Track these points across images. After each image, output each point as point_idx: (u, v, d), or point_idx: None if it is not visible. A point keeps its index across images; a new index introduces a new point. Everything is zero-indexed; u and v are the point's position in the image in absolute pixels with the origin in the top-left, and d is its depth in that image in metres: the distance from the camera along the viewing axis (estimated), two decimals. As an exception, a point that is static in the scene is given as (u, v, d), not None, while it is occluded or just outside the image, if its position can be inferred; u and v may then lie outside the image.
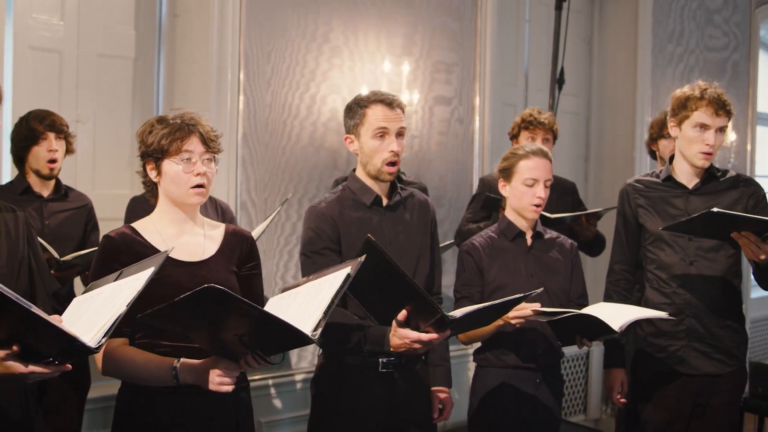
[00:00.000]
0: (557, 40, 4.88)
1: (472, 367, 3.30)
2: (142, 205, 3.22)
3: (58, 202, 3.60)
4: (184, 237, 2.38)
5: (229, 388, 2.11)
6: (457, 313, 2.43)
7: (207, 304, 1.89)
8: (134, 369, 2.24)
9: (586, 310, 2.82)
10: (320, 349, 2.87)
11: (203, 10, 4.13)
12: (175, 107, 4.12)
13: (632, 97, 6.08)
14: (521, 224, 3.12)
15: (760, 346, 7.61)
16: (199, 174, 2.30)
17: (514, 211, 3.11)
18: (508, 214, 3.14)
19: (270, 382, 4.28)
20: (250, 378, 2.57)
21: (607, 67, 6.22)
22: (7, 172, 3.73)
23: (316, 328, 1.99)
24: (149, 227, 2.37)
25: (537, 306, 2.82)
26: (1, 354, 1.84)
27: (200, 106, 4.03)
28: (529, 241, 3.12)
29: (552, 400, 3.09)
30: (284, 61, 4.28)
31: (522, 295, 2.61)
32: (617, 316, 2.77)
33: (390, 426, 2.77)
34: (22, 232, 2.24)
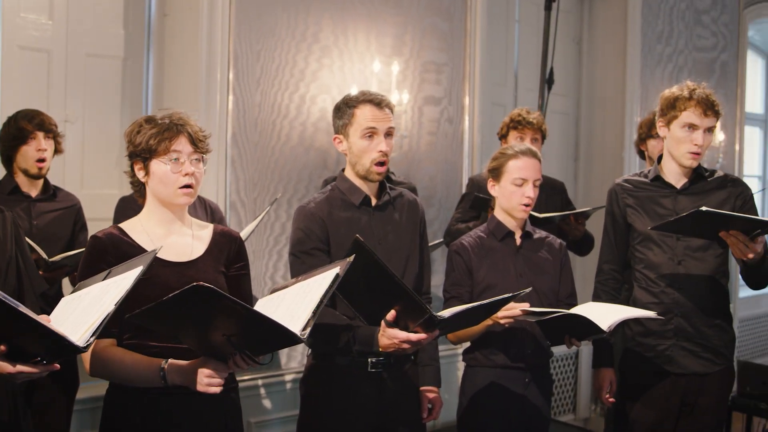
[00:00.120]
0: (547, 41, 4.88)
1: (461, 366, 3.31)
2: (131, 205, 3.21)
3: (47, 202, 3.59)
4: (172, 237, 2.37)
5: (217, 389, 2.11)
6: (446, 313, 2.43)
7: (195, 303, 1.89)
8: (122, 370, 2.23)
9: (574, 310, 2.82)
10: (309, 350, 2.87)
11: (192, 10, 4.12)
12: (164, 107, 4.11)
13: (621, 97, 6.09)
14: (510, 224, 3.12)
15: (748, 345, 7.65)
16: (187, 174, 2.30)
17: (504, 211, 3.12)
18: (498, 213, 3.15)
19: (259, 383, 4.27)
20: (239, 378, 2.57)
21: (596, 68, 6.23)
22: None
23: (304, 328, 1.99)
24: (137, 227, 2.36)
25: (526, 306, 2.82)
26: (-12, 354, 1.84)
27: (189, 105, 4.02)
28: (518, 241, 3.12)
29: (541, 400, 3.09)
30: (274, 61, 4.28)
31: (511, 294, 2.61)
32: (606, 315, 2.77)
33: (379, 426, 2.77)
34: (9, 232, 2.24)
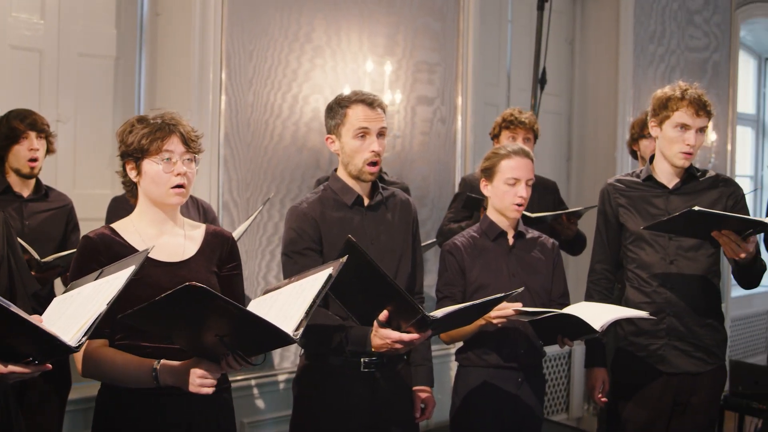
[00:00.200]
0: (539, 41, 4.89)
1: (454, 366, 3.31)
2: (124, 205, 3.20)
3: (39, 202, 3.58)
4: (164, 237, 2.37)
5: (209, 390, 2.11)
6: (438, 313, 2.43)
7: (188, 303, 1.88)
8: (114, 370, 2.22)
9: (567, 310, 2.83)
10: (302, 350, 2.87)
11: (185, 10, 4.11)
12: (157, 107, 4.10)
13: (614, 97, 6.10)
14: (503, 224, 3.12)
15: (740, 345, 7.67)
16: (179, 174, 2.29)
17: (496, 211, 3.12)
18: (490, 213, 3.15)
19: (252, 383, 4.27)
20: (232, 378, 2.56)
21: (588, 68, 6.24)
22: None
23: (297, 328, 1.98)
24: (129, 228, 2.36)
25: (518, 305, 2.82)
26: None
27: (182, 105, 4.01)
28: (511, 241, 3.13)
29: (534, 400, 3.10)
30: (266, 61, 4.27)
31: (503, 294, 2.61)
32: (598, 315, 2.78)
33: (372, 426, 2.77)
34: (1, 232, 2.23)
